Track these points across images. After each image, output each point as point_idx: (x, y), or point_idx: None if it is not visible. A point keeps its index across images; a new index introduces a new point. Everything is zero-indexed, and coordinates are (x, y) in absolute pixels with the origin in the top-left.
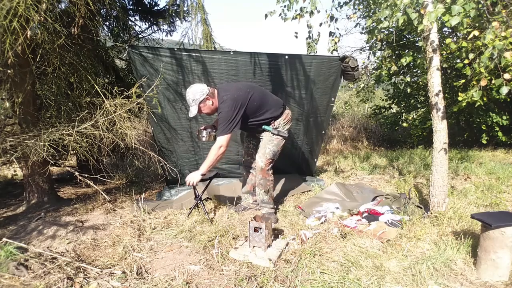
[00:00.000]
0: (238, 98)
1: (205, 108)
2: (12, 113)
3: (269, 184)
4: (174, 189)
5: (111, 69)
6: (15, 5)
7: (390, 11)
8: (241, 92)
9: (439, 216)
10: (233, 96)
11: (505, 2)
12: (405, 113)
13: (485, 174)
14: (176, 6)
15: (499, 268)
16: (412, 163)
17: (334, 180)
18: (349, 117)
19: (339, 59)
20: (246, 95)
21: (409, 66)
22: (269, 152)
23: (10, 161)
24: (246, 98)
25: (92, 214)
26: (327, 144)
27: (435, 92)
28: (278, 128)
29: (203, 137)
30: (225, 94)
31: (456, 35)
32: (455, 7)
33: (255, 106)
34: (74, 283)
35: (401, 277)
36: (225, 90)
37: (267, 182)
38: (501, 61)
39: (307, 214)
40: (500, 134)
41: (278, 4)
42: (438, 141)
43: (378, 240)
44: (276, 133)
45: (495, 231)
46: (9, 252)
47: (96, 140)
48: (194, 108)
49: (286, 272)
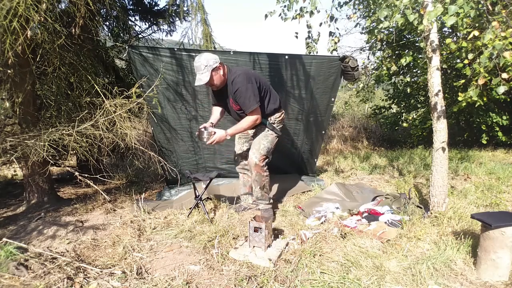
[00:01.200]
0: (250, 75)
1: (216, 78)
2: (12, 113)
3: (264, 180)
4: (174, 189)
5: (111, 69)
6: (15, 5)
7: (389, 11)
8: (250, 71)
9: (439, 216)
10: (245, 72)
11: (505, 2)
12: (405, 113)
13: (485, 174)
14: (176, 6)
15: (499, 268)
16: (412, 163)
17: (334, 180)
18: (349, 117)
19: (339, 59)
20: (256, 75)
21: (409, 66)
22: (263, 148)
23: (10, 161)
24: (257, 77)
25: (92, 214)
26: (327, 144)
27: (435, 92)
28: (274, 124)
29: (204, 138)
30: (236, 71)
31: (456, 35)
32: (451, 7)
33: (261, 90)
34: (74, 283)
35: (401, 277)
36: (235, 69)
37: (261, 178)
38: (501, 61)
39: (307, 214)
40: (500, 134)
41: (278, 4)
42: (438, 141)
43: (378, 240)
44: (271, 128)
45: (495, 231)
46: (9, 252)
47: (96, 140)
48: (206, 75)
49: (286, 272)
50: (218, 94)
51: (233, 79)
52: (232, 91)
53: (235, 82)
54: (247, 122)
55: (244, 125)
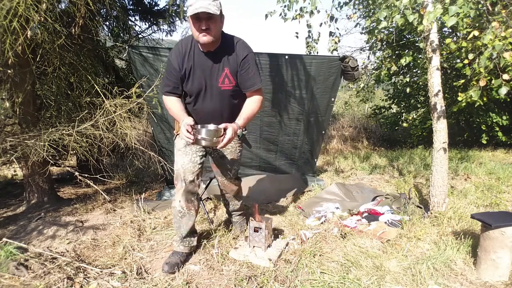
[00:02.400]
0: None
1: (218, 27)
2: (12, 113)
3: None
4: (174, 189)
5: (111, 69)
6: (15, 5)
7: (388, 12)
8: None
9: (439, 216)
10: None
11: (505, 2)
12: (405, 113)
13: (485, 174)
14: (176, 6)
15: (499, 268)
16: (412, 163)
17: (334, 180)
18: (349, 117)
19: (339, 59)
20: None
21: (409, 66)
22: (236, 171)
23: (10, 161)
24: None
25: (92, 214)
26: (327, 144)
27: (435, 92)
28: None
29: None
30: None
31: (456, 35)
32: (452, 8)
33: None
34: (74, 283)
35: (401, 277)
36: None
37: (240, 191)
38: (501, 62)
39: (307, 214)
40: (500, 134)
41: (278, 4)
42: (438, 141)
43: (378, 240)
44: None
45: (495, 231)
46: (9, 252)
47: (96, 140)
48: (216, 9)
49: (286, 272)
50: (197, 68)
51: (237, 41)
52: (239, 57)
53: (242, 45)
54: (257, 104)
55: (255, 109)
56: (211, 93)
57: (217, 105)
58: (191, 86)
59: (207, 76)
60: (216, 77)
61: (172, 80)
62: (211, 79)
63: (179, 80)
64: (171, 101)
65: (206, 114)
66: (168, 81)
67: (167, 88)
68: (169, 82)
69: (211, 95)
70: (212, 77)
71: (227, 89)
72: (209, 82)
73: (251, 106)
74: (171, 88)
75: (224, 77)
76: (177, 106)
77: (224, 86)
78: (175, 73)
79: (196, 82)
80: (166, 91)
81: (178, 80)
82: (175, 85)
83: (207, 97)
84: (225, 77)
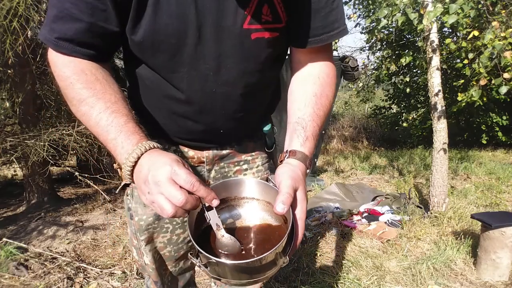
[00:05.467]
0: None
1: None
2: (12, 113)
3: None
4: None
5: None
6: (15, 5)
7: (389, 10)
8: None
9: (439, 216)
10: None
11: (505, 2)
12: (405, 113)
13: (485, 174)
14: None
15: (499, 268)
16: (412, 163)
17: (334, 180)
18: (349, 117)
19: (339, 59)
20: None
21: (409, 66)
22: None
23: (10, 161)
24: None
25: (92, 214)
26: (327, 144)
27: (435, 92)
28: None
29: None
30: None
31: (456, 35)
32: (452, 6)
33: None
34: (74, 283)
35: (401, 277)
36: None
37: None
38: (501, 61)
39: (307, 214)
40: (500, 134)
41: None
42: (438, 141)
43: (378, 240)
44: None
45: (495, 231)
46: (9, 252)
47: (96, 140)
48: None
49: (286, 272)
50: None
51: None
52: None
53: None
54: (332, 88)
55: (331, 97)
56: (217, 49)
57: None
58: (154, 24)
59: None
60: (235, 6)
61: (81, 9)
62: (219, 10)
63: (108, 8)
64: (81, 73)
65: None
66: (71, 9)
67: (67, 32)
68: (73, 13)
69: (216, 57)
70: (220, 3)
71: (266, 37)
72: (211, 17)
73: (323, 91)
74: (80, 31)
75: (259, 4)
76: (103, 89)
77: (255, 28)
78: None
79: (170, 12)
80: (59, 38)
81: (107, 7)
82: (92, 21)
83: (200, 63)
84: (260, 4)
